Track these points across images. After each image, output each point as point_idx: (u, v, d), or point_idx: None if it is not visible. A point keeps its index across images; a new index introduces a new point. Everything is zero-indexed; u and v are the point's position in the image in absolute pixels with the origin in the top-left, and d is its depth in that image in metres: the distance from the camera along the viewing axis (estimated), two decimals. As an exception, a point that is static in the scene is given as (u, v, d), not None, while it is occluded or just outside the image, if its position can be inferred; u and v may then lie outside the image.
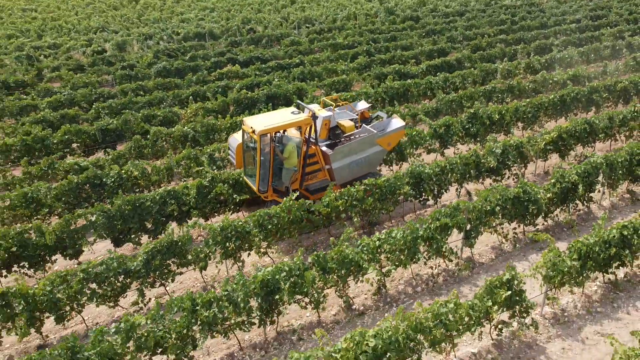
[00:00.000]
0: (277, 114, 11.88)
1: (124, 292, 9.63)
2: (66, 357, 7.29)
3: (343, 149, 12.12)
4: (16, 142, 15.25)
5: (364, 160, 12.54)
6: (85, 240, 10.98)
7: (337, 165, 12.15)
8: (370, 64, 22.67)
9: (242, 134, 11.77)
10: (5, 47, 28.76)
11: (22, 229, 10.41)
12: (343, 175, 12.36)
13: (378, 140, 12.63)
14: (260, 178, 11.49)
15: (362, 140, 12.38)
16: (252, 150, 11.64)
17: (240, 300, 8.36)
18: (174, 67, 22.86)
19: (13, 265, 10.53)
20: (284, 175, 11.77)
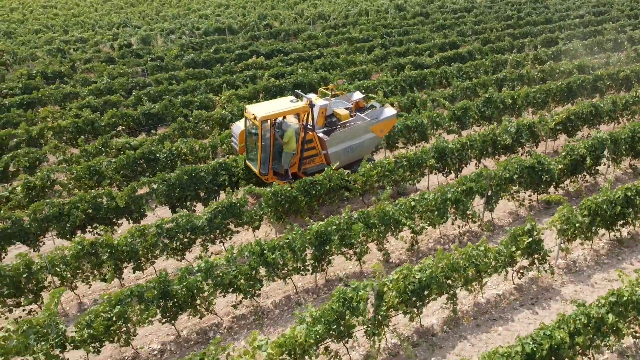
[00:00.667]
0: (277, 102, 12.77)
1: (190, 247, 11.00)
2: (159, 289, 8.66)
3: (338, 135, 12.97)
4: (68, 125, 16.61)
5: (358, 146, 13.38)
6: (148, 205, 12.35)
7: (332, 150, 12.98)
8: (386, 56, 24.03)
9: (245, 121, 12.69)
10: (34, 41, 30.10)
11: (96, 194, 11.78)
12: (338, 159, 13.10)
13: (371, 128, 13.48)
14: (262, 161, 12.37)
15: (356, 127, 13.24)
16: (253, 135, 12.59)
17: (298, 249, 9.73)
18: (201, 59, 24.22)
19: (87, 226, 11.90)
20: (283, 159, 12.62)
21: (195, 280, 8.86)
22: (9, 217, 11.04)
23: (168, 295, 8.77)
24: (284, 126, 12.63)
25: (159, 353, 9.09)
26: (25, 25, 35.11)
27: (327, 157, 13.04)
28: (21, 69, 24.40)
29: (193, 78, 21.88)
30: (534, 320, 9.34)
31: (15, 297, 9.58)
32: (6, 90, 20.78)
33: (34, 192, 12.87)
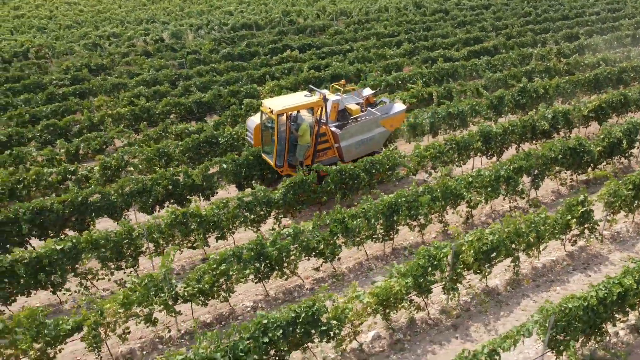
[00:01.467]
0: (292, 97, 13.33)
1: (265, 220, 12.00)
2: (256, 251, 9.66)
3: (350, 129, 13.43)
4: (126, 112, 17.60)
5: (369, 139, 13.82)
6: (219, 183, 13.36)
7: (345, 144, 13.41)
8: (414, 50, 25.02)
9: (261, 114, 13.19)
10: (67, 36, 31.06)
11: (174, 172, 12.78)
12: (350, 152, 13.57)
13: (381, 122, 13.96)
14: (277, 154, 12.81)
15: (367, 122, 13.71)
16: (269, 129, 13.07)
17: (372, 217, 10.73)
18: (236, 53, 25.21)
19: (165, 202, 12.89)
20: (298, 152, 13.05)
21: (287, 244, 9.86)
22: (99, 192, 12.04)
23: (263, 257, 9.77)
24: (299, 120, 13.08)
25: (251, 309, 10.10)
26: (54, 20, 36.06)
27: (340, 150, 13.49)
28: (61, 62, 25.39)
29: (232, 70, 22.85)
30: (588, 282, 10.34)
31: (116, 261, 10.58)
32: (56, 81, 21.76)
33: (110, 172, 13.86)
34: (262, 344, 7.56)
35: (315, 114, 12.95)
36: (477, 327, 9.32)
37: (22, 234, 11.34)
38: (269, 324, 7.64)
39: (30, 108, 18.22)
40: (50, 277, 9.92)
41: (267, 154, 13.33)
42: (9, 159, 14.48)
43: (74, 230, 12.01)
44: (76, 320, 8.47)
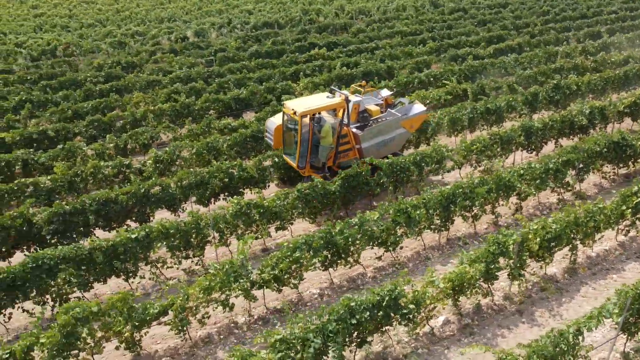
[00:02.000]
0: (314, 98, 13.42)
1: (321, 211, 12.34)
2: (325, 239, 9.98)
3: (371, 130, 13.38)
4: (167, 108, 17.94)
5: (389, 140, 13.78)
6: (271, 177, 13.69)
7: (365, 145, 13.36)
8: (439, 48, 25.36)
9: (283, 115, 13.17)
10: (90, 34, 31.40)
11: (230, 165, 13.12)
12: (371, 154, 13.41)
13: (402, 123, 13.87)
14: (300, 155, 12.85)
15: (388, 123, 13.65)
16: (292, 130, 13.09)
17: (430, 207, 11.07)
18: (263, 51, 25.55)
19: (220, 194, 13.22)
20: (320, 153, 13.10)
21: (354, 233, 10.19)
22: (159, 184, 12.38)
23: (331, 245, 10.11)
24: (321, 121, 13.13)
25: (318, 297, 10.43)
26: (74, 19, 36.39)
27: (361, 151, 13.45)
28: (89, 60, 25.74)
29: (262, 68, 23.18)
30: (643, 270, 10.69)
31: (184, 250, 10.92)
32: (91, 78, 22.09)
33: (162, 165, 14.20)
34: (350, 325, 7.90)
35: (338, 115, 13.04)
36: (542, 313, 9.66)
37: (88, 224, 11.68)
38: (355, 307, 7.98)
39: (72, 104, 18.55)
40: (124, 265, 10.26)
41: (289, 155, 13.42)
42: (61, 152, 14.81)
43: (135, 221, 12.36)
44: (163, 304, 8.81)
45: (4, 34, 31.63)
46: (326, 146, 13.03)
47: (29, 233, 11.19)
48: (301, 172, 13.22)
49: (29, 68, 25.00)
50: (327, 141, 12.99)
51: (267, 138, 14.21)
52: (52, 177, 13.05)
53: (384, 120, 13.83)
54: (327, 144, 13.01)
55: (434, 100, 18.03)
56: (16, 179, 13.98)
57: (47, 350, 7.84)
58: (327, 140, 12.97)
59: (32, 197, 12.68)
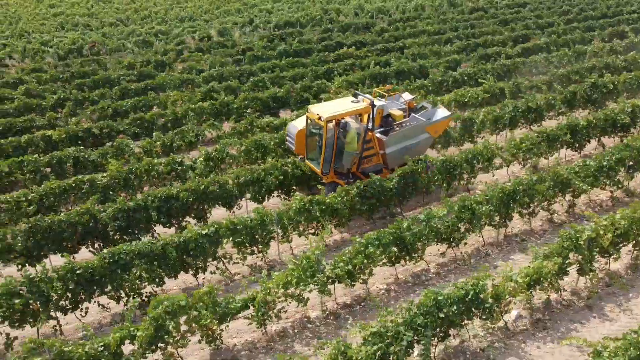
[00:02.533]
0: (339, 103, 13.14)
1: (379, 208, 12.47)
2: (395, 235, 10.11)
3: (396, 135, 13.16)
4: (207, 107, 18.06)
5: (413, 146, 13.49)
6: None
7: (390, 150, 13.11)
8: (466, 47, 25.48)
9: (307, 120, 12.89)
10: (113, 33, 31.50)
11: (284, 162, 13.23)
12: (395, 159, 13.25)
13: (427, 128, 13.61)
14: (324, 161, 12.58)
15: (412, 128, 13.42)
16: (315, 135, 12.92)
17: (494, 204, 11.18)
18: (291, 50, 25.67)
19: (273, 192, 13.30)
20: (345, 159, 12.82)
21: (422, 229, 10.31)
22: (217, 181, 12.50)
23: (399, 241, 10.23)
24: (347, 127, 12.75)
25: (385, 292, 10.56)
26: (94, 18, 36.48)
27: (385, 157, 13.23)
28: (117, 58, 25.86)
29: (293, 67, 23.28)
30: None
31: (249, 246, 11.04)
32: (124, 77, 22.21)
33: (212, 163, 14.31)
34: (437, 319, 8.02)
35: (363, 121, 12.82)
36: (612, 308, 9.79)
37: (149, 221, 11.80)
38: (443, 301, 8.10)
39: (111, 102, 18.67)
40: (195, 261, 10.38)
41: (312, 160, 13.19)
42: (111, 149, 14.94)
43: (193, 218, 12.48)
44: (244, 298, 8.93)
45: (27, 32, 31.73)
46: (351, 152, 12.79)
47: (95, 229, 11.31)
48: (324, 178, 12.89)
49: (56, 66, 25.11)
50: (352, 147, 12.72)
51: (288, 142, 13.98)
52: (109, 174, 13.16)
53: (408, 125, 13.55)
54: (352, 150, 12.75)
55: (472, 99, 18.13)
56: (67, 176, 14.18)
57: (139, 343, 7.95)
58: (352, 146, 12.71)
59: (90, 194, 12.84)
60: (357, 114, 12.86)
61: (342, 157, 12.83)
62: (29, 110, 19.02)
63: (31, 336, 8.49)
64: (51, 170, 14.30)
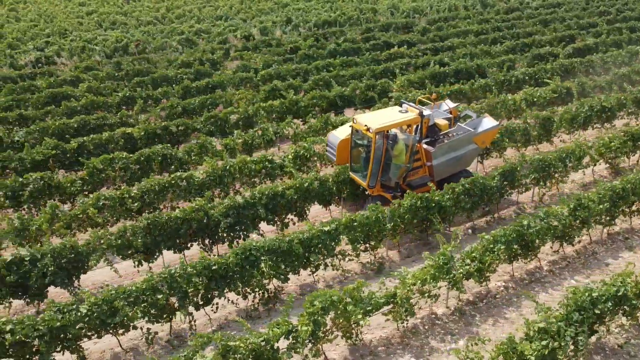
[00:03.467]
0: (387, 113, 12.59)
1: (478, 207, 12.53)
2: (518, 233, 10.17)
3: (443, 146, 12.56)
4: (277, 105, 18.11)
5: (460, 157, 12.98)
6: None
7: (436, 162, 12.55)
8: (515, 47, 25.55)
9: (352, 131, 12.48)
10: (153, 32, 31.52)
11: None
12: (441, 171, 12.78)
13: (474, 139, 13.04)
14: (372, 174, 12.11)
15: (460, 139, 12.84)
16: (361, 147, 12.53)
17: (605, 201, 11.25)
18: (341, 48, 25.72)
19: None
20: (392, 172, 12.34)
21: (542, 227, 10.37)
22: (319, 179, 12.57)
23: (521, 238, 10.30)
24: (396, 138, 12.22)
25: (504, 289, 10.62)
26: (129, 17, 36.52)
27: (432, 169, 12.68)
28: (166, 57, 25.89)
29: (345, 66, 23.32)
30: None
31: (364, 243, 11.11)
32: (181, 76, 22.27)
33: (300, 161, 14.37)
34: (592, 315, 8.09)
35: (412, 132, 12.31)
36: None
37: (256, 218, 11.86)
38: (598, 297, 8.17)
39: (180, 101, 18.73)
40: (318, 256, 10.44)
41: (356, 172, 12.76)
42: (195, 147, 14.99)
43: (295, 215, 12.56)
44: (387, 294, 8.99)
45: (67, 31, 31.76)
46: (399, 164, 12.30)
47: (207, 225, 11.37)
48: (370, 191, 12.43)
49: (104, 64, 25.15)
50: (400, 159, 12.24)
51: (329, 153, 13.56)
52: (205, 171, 13.22)
53: (455, 136, 12.98)
54: (399, 162, 12.27)
55: (540, 98, 18.21)
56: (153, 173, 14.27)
57: (299, 339, 8.00)
58: (400, 158, 12.23)
59: (187, 191, 12.92)
60: (406, 125, 12.33)
61: (389, 170, 12.36)
62: (95, 108, 19.07)
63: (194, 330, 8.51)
64: (139, 168, 14.36)
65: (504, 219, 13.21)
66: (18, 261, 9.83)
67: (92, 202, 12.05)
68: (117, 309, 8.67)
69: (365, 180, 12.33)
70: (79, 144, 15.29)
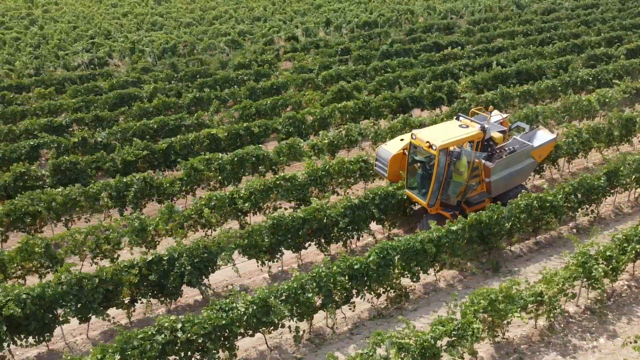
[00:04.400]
0: (446, 128, 12.03)
1: (581, 207, 12.65)
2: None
3: (502, 161, 12.04)
4: (351, 106, 18.23)
5: (517, 172, 12.49)
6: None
7: (494, 178, 12.05)
8: (566, 48, 25.66)
9: (409, 146, 11.98)
10: (196, 33, 31.63)
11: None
12: (499, 187, 12.29)
13: (532, 153, 12.59)
14: (433, 192, 11.54)
15: (519, 153, 12.35)
16: (417, 163, 12.10)
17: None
18: (392, 49, 25.85)
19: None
20: (452, 189, 11.78)
21: None
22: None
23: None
24: (460, 155, 11.58)
25: (627, 288, 10.75)
26: (167, 18, 36.59)
27: (489, 185, 12.16)
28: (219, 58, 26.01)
29: (402, 67, 23.43)
30: None
31: (483, 243, 11.23)
32: (241, 77, 22.39)
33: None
34: None
35: (475, 147, 11.76)
36: None
37: (368, 218, 11.98)
38: None
39: (253, 102, 18.85)
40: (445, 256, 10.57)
41: (413, 189, 12.23)
42: (285, 148, 15.11)
43: (402, 215, 12.68)
44: (534, 292, 9.10)
45: (110, 32, 31.85)
46: (460, 182, 11.69)
47: (325, 225, 11.49)
48: (429, 210, 11.85)
49: (159, 65, 25.29)
50: (462, 177, 11.61)
51: (379, 168, 13.04)
52: (308, 172, 13.34)
53: (512, 149, 12.49)
54: (461, 179, 11.64)
55: (612, 99, 18.32)
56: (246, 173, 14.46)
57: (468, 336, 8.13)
58: (462, 176, 11.59)
59: (290, 192, 13.04)
60: (470, 141, 11.73)
61: (449, 188, 11.78)
62: (166, 109, 19.21)
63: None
64: (232, 168, 14.47)
65: (604, 218, 13.33)
66: (157, 260, 9.95)
67: (205, 202, 12.17)
68: (271, 307, 8.78)
69: (424, 198, 11.78)
70: (168, 144, 15.40)
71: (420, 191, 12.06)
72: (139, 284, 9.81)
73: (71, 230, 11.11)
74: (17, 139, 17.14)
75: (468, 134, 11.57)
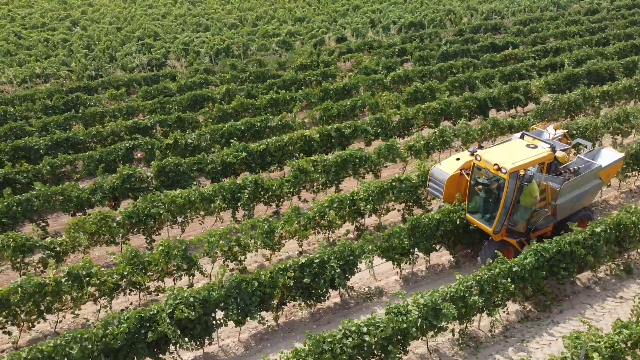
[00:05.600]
0: (514, 149, 11.12)
1: None
2: None
3: (571, 183, 11.21)
4: (433, 107, 18.17)
5: (583, 194, 11.70)
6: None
7: (561, 201, 11.20)
8: (624, 48, 25.59)
9: (473, 168, 11.06)
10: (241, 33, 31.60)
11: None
12: (564, 211, 11.51)
13: (600, 173, 11.78)
14: (500, 218, 10.65)
15: (587, 174, 11.60)
16: (480, 185, 11.22)
17: None
18: (451, 51, 25.80)
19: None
20: (520, 214, 10.97)
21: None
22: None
23: None
24: (530, 178, 10.53)
25: None
26: (209, 19, 36.56)
27: (555, 208, 11.27)
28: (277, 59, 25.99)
29: (467, 68, 23.37)
30: None
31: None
32: (308, 77, 22.35)
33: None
34: None
35: (545, 170, 11.01)
36: None
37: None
38: None
39: (333, 103, 18.82)
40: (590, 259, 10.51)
41: (475, 214, 11.28)
42: (384, 149, 15.05)
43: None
44: None
45: (157, 34, 31.81)
46: (528, 207, 10.83)
47: (457, 227, 11.44)
48: (494, 236, 10.93)
49: (216, 66, 25.25)
50: (530, 201, 10.74)
51: (433, 189, 12.12)
52: (417, 173, 13.29)
53: (577, 169, 11.84)
54: (529, 203, 10.78)
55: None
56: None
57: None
58: (530, 200, 10.72)
59: (405, 192, 12.99)
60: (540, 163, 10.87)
61: (515, 213, 10.94)
62: (244, 110, 19.18)
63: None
64: (335, 170, 14.41)
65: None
66: (309, 263, 9.90)
67: (327, 203, 12.12)
68: (441, 310, 8.72)
69: (489, 224, 10.86)
70: (266, 146, 15.34)
71: (484, 216, 11.11)
72: (292, 287, 9.76)
73: (206, 232, 11.07)
74: (104, 140, 17.14)
75: (538, 155, 10.75)
